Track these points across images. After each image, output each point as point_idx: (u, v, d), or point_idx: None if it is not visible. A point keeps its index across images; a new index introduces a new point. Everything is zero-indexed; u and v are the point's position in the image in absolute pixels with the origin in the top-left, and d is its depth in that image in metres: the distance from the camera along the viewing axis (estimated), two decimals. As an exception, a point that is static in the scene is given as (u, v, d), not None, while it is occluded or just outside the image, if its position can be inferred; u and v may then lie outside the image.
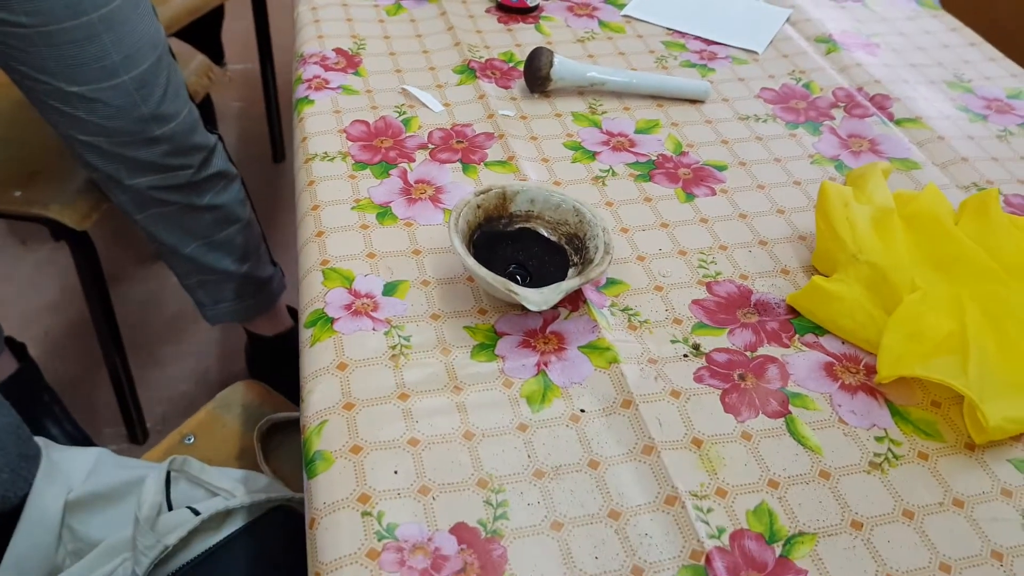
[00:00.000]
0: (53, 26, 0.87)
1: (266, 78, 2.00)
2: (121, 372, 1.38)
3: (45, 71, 0.91)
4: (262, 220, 1.51)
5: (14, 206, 1.14)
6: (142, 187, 1.06)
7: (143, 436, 1.46)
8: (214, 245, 1.20)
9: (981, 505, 0.42)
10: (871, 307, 0.49)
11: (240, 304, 1.30)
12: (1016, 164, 0.66)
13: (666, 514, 0.40)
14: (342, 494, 0.40)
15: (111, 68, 0.92)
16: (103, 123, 0.95)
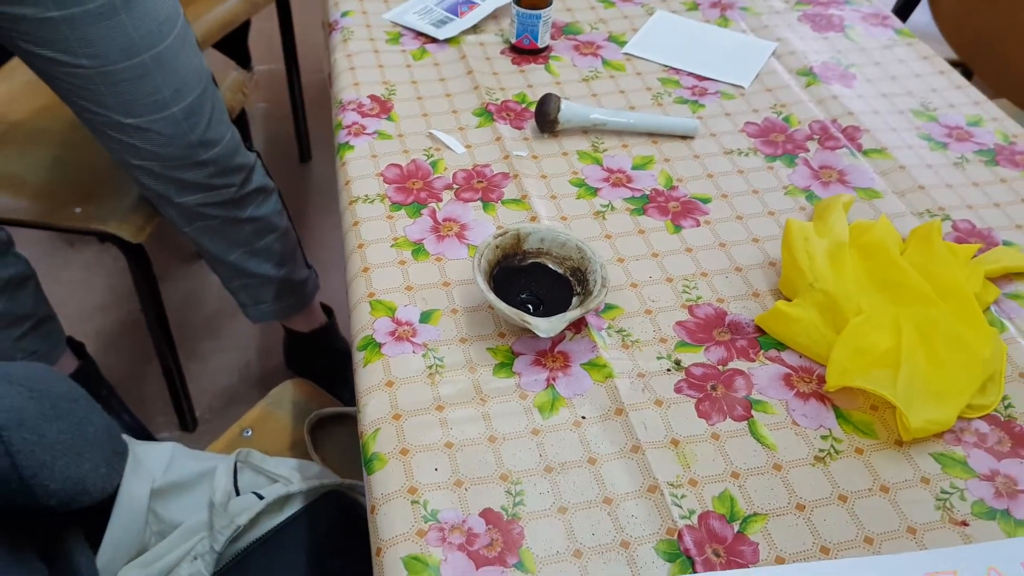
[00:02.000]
0: (110, 67, 0.99)
1: (291, 79, 2.10)
2: (172, 366, 1.51)
3: (103, 105, 1.03)
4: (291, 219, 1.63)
5: (76, 222, 1.27)
6: (190, 204, 1.19)
7: (193, 424, 1.59)
8: (254, 252, 1.33)
9: (903, 490, 0.53)
10: (823, 327, 0.60)
11: (279, 304, 1.43)
12: (967, 190, 0.76)
13: (648, 500, 0.52)
14: (395, 487, 0.51)
15: (162, 101, 1.04)
16: (155, 150, 1.08)
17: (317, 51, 2.29)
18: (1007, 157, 0.79)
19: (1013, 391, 0.59)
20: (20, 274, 1.22)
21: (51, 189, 1.32)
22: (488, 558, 0.48)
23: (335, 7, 0.95)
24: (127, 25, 0.97)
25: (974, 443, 0.56)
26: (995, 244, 0.70)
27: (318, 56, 2.35)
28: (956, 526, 0.52)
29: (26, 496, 0.65)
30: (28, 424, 0.65)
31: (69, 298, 1.78)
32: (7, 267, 1.19)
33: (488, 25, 0.92)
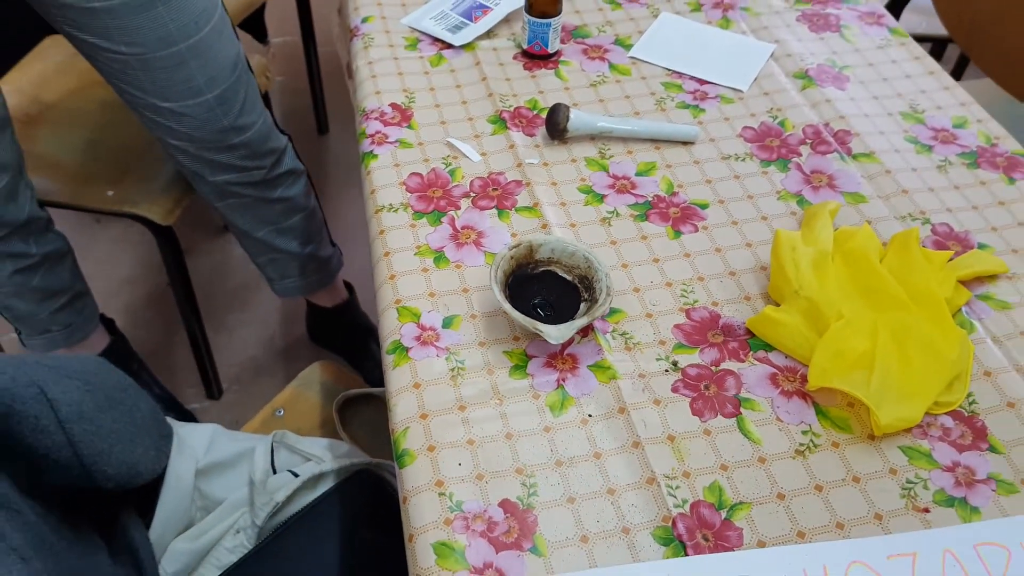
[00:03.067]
0: (148, 55, 1.05)
1: (308, 52, 2.13)
2: (200, 338, 1.59)
3: (141, 89, 1.09)
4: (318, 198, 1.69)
5: (108, 204, 1.34)
6: (222, 183, 1.26)
7: (219, 394, 1.68)
8: (282, 231, 1.40)
9: (872, 480, 0.60)
10: (807, 331, 0.67)
11: (304, 280, 1.50)
12: (948, 193, 0.81)
13: (646, 491, 0.59)
14: (424, 480, 0.59)
15: (196, 88, 1.10)
16: (190, 132, 1.14)
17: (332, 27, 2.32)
18: (988, 159, 0.85)
19: (977, 388, 0.66)
20: (58, 250, 1.29)
21: (85, 171, 1.38)
22: (506, 543, 0.55)
23: (355, 12, 0.99)
24: (164, 17, 1.03)
25: (939, 437, 0.63)
26: (971, 247, 0.76)
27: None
28: (918, 513, 0.59)
29: (87, 480, 0.72)
30: (87, 416, 0.72)
31: (97, 272, 1.85)
32: (47, 244, 1.26)
33: (501, 29, 0.97)
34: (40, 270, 1.25)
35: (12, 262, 1.20)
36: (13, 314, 1.29)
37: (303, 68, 2.18)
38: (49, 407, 0.68)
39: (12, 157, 1.13)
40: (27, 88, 1.50)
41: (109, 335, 1.53)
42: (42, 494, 0.69)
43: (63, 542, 0.70)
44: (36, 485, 0.68)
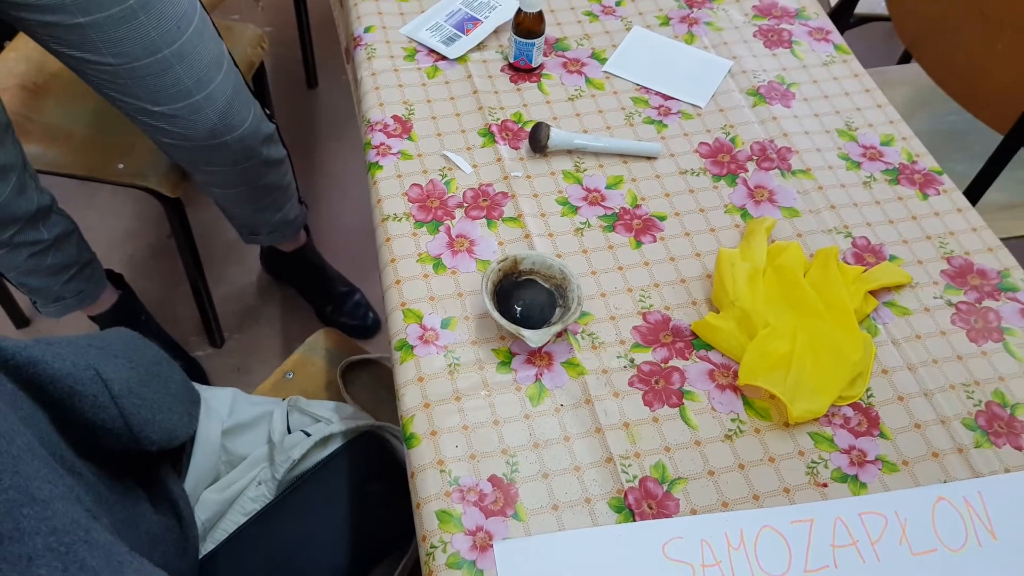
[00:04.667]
0: (134, 63, 1.13)
1: (297, 2, 2.15)
2: (203, 291, 1.70)
3: (131, 96, 1.17)
4: (298, 146, 1.79)
5: (120, 177, 1.43)
6: (214, 173, 1.36)
7: (220, 342, 1.80)
8: (259, 207, 1.51)
9: (784, 460, 0.75)
10: (740, 335, 0.80)
11: (270, 236, 1.62)
12: (870, 208, 0.94)
13: (605, 468, 0.73)
14: (427, 460, 0.72)
15: (185, 91, 1.19)
16: (182, 132, 1.23)
17: None
18: (907, 176, 0.98)
19: (876, 384, 0.80)
20: (65, 230, 1.39)
21: (94, 142, 1.47)
22: (494, 511, 0.70)
23: (358, 22, 1.09)
24: (147, 25, 1.10)
25: (840, 425, 0.78)
26: (884, 258, 0.90)
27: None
28: (818, 487, 0.74)
29: (135, 444, 0.84)
30: (134, 390, 0.84)
31: (99, 224, 1.94)
32: (55, 226, 1.36)
33: (490, 41, 1.07)
34: (51, 251, 1.35)
35: (27, 248, 1.30)
36: (29, 288, 1.40)
37: (292, 19, 2.21)
38: (104, 385, 0.80)
39: (15, 156, 1.21)
40: (34, 55, 1.56)
41: (117, 290, 1.63)
42: (95, 457, 0.81)
43: (114, 496, 0.82)
44: (91, 450, 0.80)
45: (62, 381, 0.75)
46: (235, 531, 0.96)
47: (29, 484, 0.62)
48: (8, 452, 0.65)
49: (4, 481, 0.61)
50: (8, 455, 0.64)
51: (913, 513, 0.72)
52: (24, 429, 0.68)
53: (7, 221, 1.22)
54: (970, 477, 0.74)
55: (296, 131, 2.18)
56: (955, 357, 0.82)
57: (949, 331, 0.84)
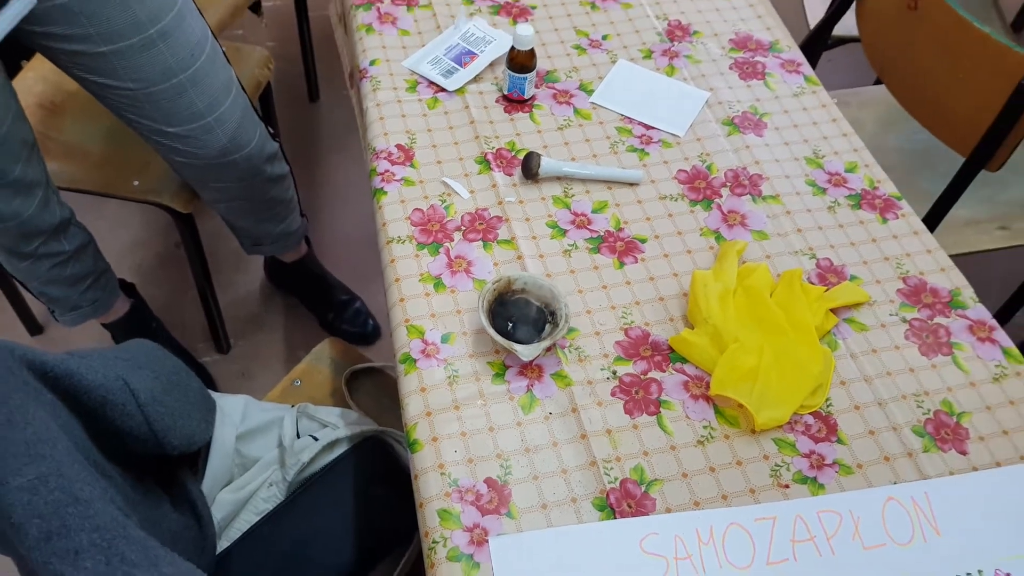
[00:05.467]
0: (152, 88, 1.20)
1: (300, 18, 2.20)
2: (211, 300, 1.76)
3: (148, 118, 1.24)
4: (299, 158, 1.85)
5: (135, 193, 1.49)
6: (222, 190, 1.43)
7: (227, 348, 1.86)
8: (262, 219, 1.58)
9: (750, 464, 0.82)
10: (711, 350, 0.88)
11: (274, 246, 1.69)
12: (833, 231, 1.02)
13: (589, 471, 0.80)
14: (429, 463, 0.79)
15: (198, 113, 1.26)
16: (194, 151, 1.30)
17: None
18: (869, 201, 1.05)
19: (835, 394, 0.88)
20: (83, 242, 1.45)
21: (111, 160, 1.53)
22: (489, 509, 0.77)
23: (363, 55, 1.16)
24: (164, 53, 1.18)
25: (802, 431, 0.85)
26: (845, 279, 0.97)
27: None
28: (781, 488, 0.81)
29: (158, 449, 0.91)
30: (158, 399, 0.90)
31: (109, 235, 2.00)
32: (74, 239, 1.43)
33: (486, 74, 1.14)
34: (71, 261, 1.42)
35: (49, 260, 1.37)
36: (48, 297, 1.47)
37: (295, 34, 2.27)
38: (131, 395, 0.86)
39: (41, 173, 1.28)
40: (51, 76, 1.62)
41: (129, 299, 1.70)
42: (122, 461, 0.87)
43: (139, 497, 0.89)
44: (119, 454, 0.87)
45: (95, 391, 0.81)
46: (249, 529, 1.03)
47: (72, 486, 0.69)
48: (52, 457, 0.71)
49: (51, 483, 0.68)
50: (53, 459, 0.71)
51: (866, 512, 0.80)
52: (63, 435, 0.75)
53: (32, 234, 1.29)
54: (918, 479, 0.81)
55: (298, 143, 2.25)
56: (907, 369, 0.89)
57: (903, 346, 0.91)
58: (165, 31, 1.15)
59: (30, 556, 0.63)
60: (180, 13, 1.17)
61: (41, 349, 0.78)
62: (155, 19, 1.14)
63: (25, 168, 1.20)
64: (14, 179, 1.18)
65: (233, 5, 1.76)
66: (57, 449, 0.72)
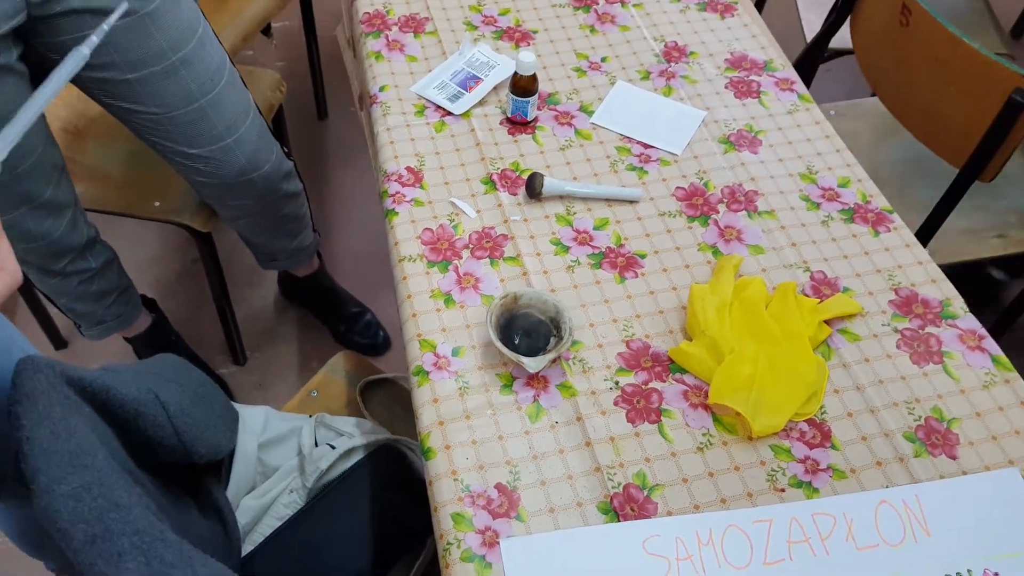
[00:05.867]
0: (174, 112, 1.25)
1: (309, 39, 2.25)
2: (228, 313, 1.81)
3: (170, 140, 1.29)
4: (309, 175, 1.89)
5: (156, 213, 1.54)
6: (239, 208, 1.47)
7: (243, 360, 1.91)
8: (277, 235, 1.63)
9: (748, 469, 0.86)
10: (709, 360, 0.91)
11: (288, 261, 1.74)
12: (827, 245, 1.05)
13: (594, 477, 0.84)
14: (443, 470, 0.83)
15: (217, 135, 1.31)
16: (214, 171, 1.35)
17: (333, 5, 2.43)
18: (861, 215, 1.09)
19: (829, 402, 0.91)
20: (108, 259, 1.51)
21: (133, 182, 1.58)
22: (500, 513, 0.81)
23: (373, 81, 1.20)
24: (186, 79, 1.23)
25: (797, 437, 0.88)
26: (838, 290, 1.01)
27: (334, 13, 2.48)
28: (777, 492, 0.84)
29: (186, 458, 0.95)
30: (186, 410, 0.94)
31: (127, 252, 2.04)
32: (100, 256, 1.48)
33: (490, 97, 1.19)
34: (97, 278, 1.47)
35: (77, 276, 1.42)
36: (75, 313, 1.52)
37: (303, 53, 2.31)
38: (162, 407, 0.90)
39: (70, 194, 1.33)
40: (74, 101, 1.68)
41: (151, 314, 1.75)
42: (153, 470, 0.92)
43: (168, 503, 0.93)
44: (150, 464, 0.91)
45: (129, 404, 0.85)
46: (271, 534, 1.07)
47: (112, 493, 0.73)
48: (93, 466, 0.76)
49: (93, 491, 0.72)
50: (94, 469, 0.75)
51: (859, 514, 0.83)
52: (101, 446, 0.79)
53: (62, 252, 1.34)
54: (909, 483, 0.85)
55: (307, 160, 2.29)
56: (899, 378, 0.93)
57: (894, 355, 0.94)
58: (186, 59, 1.20)
59: (76, 559, 0.66)
60: (200, 41, 1.22)
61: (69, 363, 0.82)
62: (176, 48, 1.18)
63: (55, 190, 1.25)
64: (45, 200, 1.24)
65: (246, 30, 1.81)
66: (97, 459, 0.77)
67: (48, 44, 1.14)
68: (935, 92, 1.34)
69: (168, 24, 1.17)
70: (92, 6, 1.10)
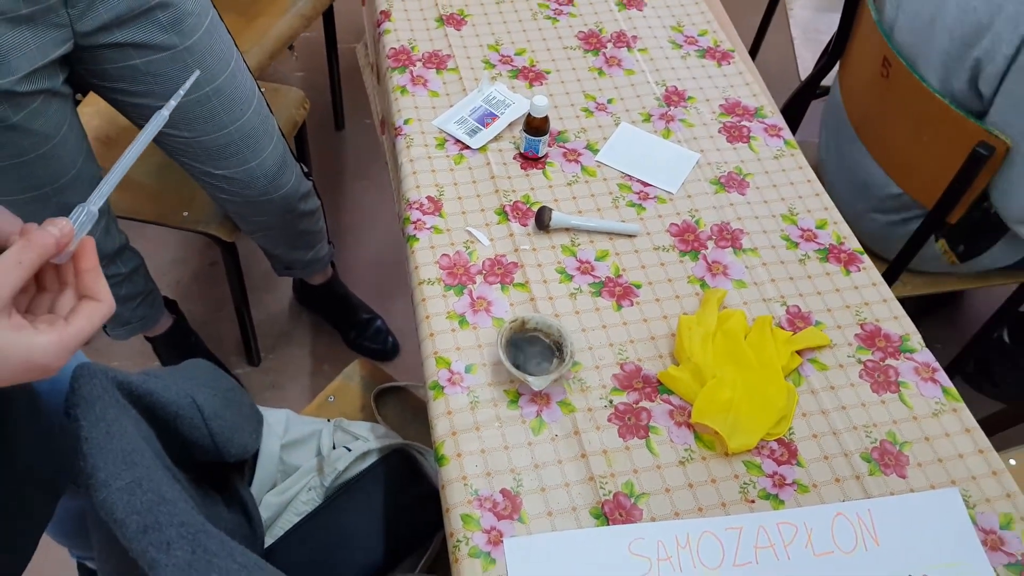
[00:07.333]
0: (204, 137, 1.35)
1: (330, 52, 2.35)
2: (246, 315, 1.92)
3: (198, 160, 1.39)
4: (326, 185, 1.99)
5: (185, 223, 1.65)
6: (260, 223, 1.58)
7: (258, 361, 2.01)
8: (294, 247, 1.74)
9: (723, 482, 0.97)
10: (694, 384, 1.03)
11: (304, 271, 1.85)
12: (802, 281, 1.17)
13: (588, 485, 0.95)
14: (454, 475, 0.94)
15: (243, 159, 1.41)
16: (237, 190, 1.45)
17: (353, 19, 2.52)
18: (835, 255, 1.20)
19: (797, 424, 1.02)
20: (136, 265, 1.61)
21: (162, 193, 1.68)
22: (504, 515, 0.92)
23: (398, 114, 1.31)
24: (217, 108, 1.33)
25: (767, 455, 1.00)
26: (810, 324, 1.12)
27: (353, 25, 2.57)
28: (747, 503, 0.96)
29: (217, 457, 1.03)
30: (219, 413, 1.04)
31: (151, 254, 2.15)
32: (129, 262, 1.58)
33: (505, 134, 1.29)
34: (126, 282, 1.58)
35: (108, 280, 1.52)
36: None
37: (323, 65, 2.41)
38: (198, 410, 1.00)
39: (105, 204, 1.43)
40: (105, 111, 1.78)
41: (172, 315, 1.85)
42: (186, 467, 1.01)
43: (199, 496, 1.03)
44: (184, 462, 1.00)
45: (170, 407, 0.95)
46: (290, 528, 1.17)
47: (160, 488, 0.83)
48: (142, 464, 0.86)
49: (144, 485, 0.83)
50: (143, 466, 0.86)
51: (817, 524, 0.94)
52: (146, 446, 0.89)
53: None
54: (863, 498, 0.96)
55: (324, 169, 2.40)
56: (860, 404, 1.04)
57: (857, 383, 1.06)
58: (219, 89, 1.31)
59: (131, 546, 0.75)
60: (232, 72, 1.33)
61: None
62: (211, 79, 1.29)
63: None
64: None
65: (272, 48, 1.92)
66: (145, 457, 0.87)
67: (91, 71, 1.25)
68: (910, 139, 1.46)
69: (204, 57, 1.27)
70: (135, 40, 1.20)
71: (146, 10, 1.17)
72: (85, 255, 0.66)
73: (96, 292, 0.66)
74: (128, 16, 1.16)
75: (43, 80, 1.13)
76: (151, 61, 1.22)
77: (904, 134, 1.47)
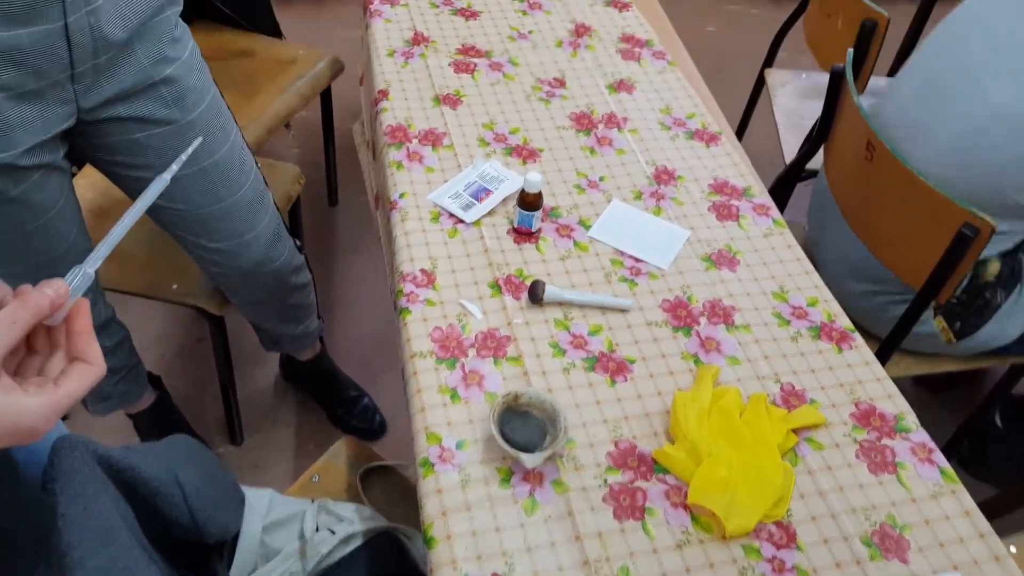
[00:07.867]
0: (199, 210, 1.35)
1: (326, 131, 2.38)
2: (231, 394, 1.88)
3: (193, 233, 1.39)
4: (318, 260, 1.97)
5: (174, 296, 1.63)
6: (251, 297, 1.56)
7: (240, 439, 1.96)
8: (283, 321, 1.71)
9: (721, 567, 0.93)
10: (689, 463, 1.00)
11: (292, 345, 1.82)
12: (796, 359, 1.16)
13: (582, 570, 0.91)
14: (444, 559, 0.90)
15: (237, 232, 1.41)
16: (230, 263, 1.44)
17: (350, 102, 2.58)
18: (826, 332, 1.20)
19: (795, 505, 0.99)
20: (121, 339, 1.58)
21: (152, 264, 1.67)
22: (495, 599, 0.88)
23: (394, 188, 1.31)
24: (216, 182, 1.33)
25: (765, 538, 0.97)
26: (805, 402, 1.10)
27: (350, 107, 2.63)
28: (747, 587, 0.92)
29: (196, 536, 1.00)
30: (201, 491, 1.00)
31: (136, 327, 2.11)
32: (115, 335, 1.55)
33: (499, 208, 1.30)
34: (110, 356, 1.54)
35: None
36: None
37: (319, 144, 2.44)
38: (179, 488, 0.97)
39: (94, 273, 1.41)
40: (99, 183, 1.77)
41: (155, 391, 1.81)
42: (162, 546, 0.97)
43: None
44: (161, 541, 0.96)
45: (150, 483, 0.92)
46: (270, 617, 1.11)
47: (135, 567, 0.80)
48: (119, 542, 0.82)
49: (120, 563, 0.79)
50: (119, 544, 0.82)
51: (820, 611, 0.91)
52: (123, 524, 0.86)
53: None
54: (866, 584, 0.93)
55: (316, 244, 2.40)
56: (858, 485, 1.01)
57: (854, 464, 1.04)
58: (218, 163, 1.31)
59: None
60: (231, 147, 1.34)
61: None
62: (211, 153, 1.29)
63: None
64: None
65: (270, 124, 1.94)
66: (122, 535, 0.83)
67: (93, 144, 1.25)
68: (896, 222, 1.47)
69: (205, 132, 1.28)
70: (137, 114, 1.21)
71: (150, 86, 1.18)
72: (79, 317, 0.65)
73: (88, 355, 0.64)
74: (132, 91, 1.16)
75: (45, 154, 1.12)
76: (152, 135, 1.23)
77: (890, 216, 1.48)
